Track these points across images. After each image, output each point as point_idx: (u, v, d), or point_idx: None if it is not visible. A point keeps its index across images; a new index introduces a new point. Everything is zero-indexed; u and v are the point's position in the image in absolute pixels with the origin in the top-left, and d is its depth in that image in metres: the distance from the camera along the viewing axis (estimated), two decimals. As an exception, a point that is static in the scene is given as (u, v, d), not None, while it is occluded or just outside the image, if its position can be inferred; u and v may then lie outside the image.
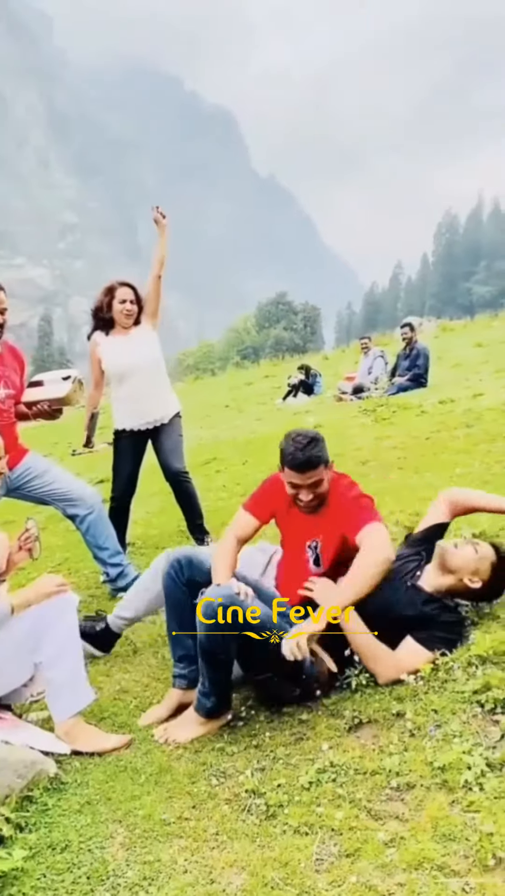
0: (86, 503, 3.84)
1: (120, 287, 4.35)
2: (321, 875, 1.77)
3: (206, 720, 2.44)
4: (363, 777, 2.08)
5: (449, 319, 29.77)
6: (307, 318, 76.44)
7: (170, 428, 4.45)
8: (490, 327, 19.81)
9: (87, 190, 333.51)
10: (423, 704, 2.30)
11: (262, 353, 57.35)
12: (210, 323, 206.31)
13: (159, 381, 4.46)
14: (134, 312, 4.32)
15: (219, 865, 1.86)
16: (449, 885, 1.66)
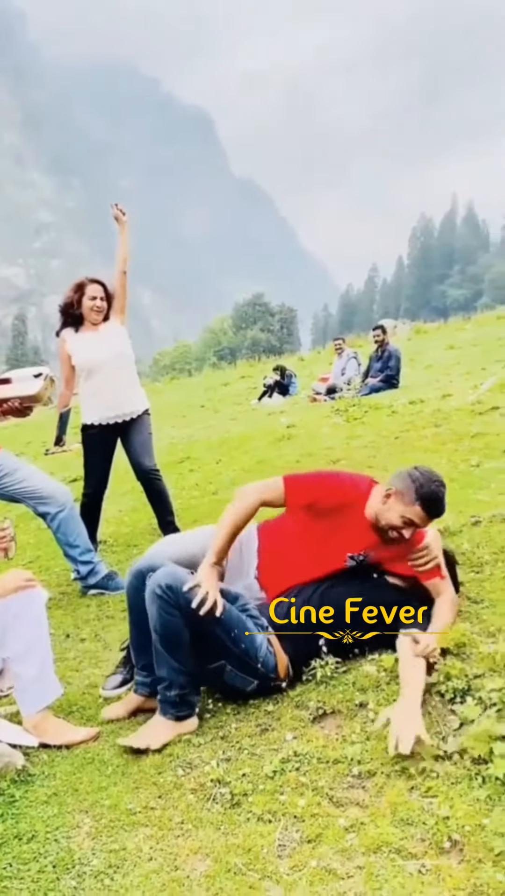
0: (57, 501, 3.85)
1: (90, 284, 4.38)
2: (283, 860, 1.82)
3: (175, 723, 2.42)
4: (326, 766, 2.13)
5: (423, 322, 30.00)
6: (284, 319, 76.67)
7: (139, 425, 4.46)
8: (462, 330, 20.02)
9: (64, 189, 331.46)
10: (385, 695, 2.36)
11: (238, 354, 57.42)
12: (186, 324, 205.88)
13: (128, 376, 4.47)
14: (104, 309, 4.35)
15: (183, 852, 1.89)
16: (406, 867, 1.72)
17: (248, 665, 2.47)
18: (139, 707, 2.62)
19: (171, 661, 2.39)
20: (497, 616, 2.65)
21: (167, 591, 2.36)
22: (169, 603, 2.36)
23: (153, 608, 2.38)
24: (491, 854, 1.69)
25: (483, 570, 3.07)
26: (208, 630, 2.41)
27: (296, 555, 2.71)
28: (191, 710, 2.45)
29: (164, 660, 2.40)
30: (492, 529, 3.45)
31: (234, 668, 2.46)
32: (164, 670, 2.41)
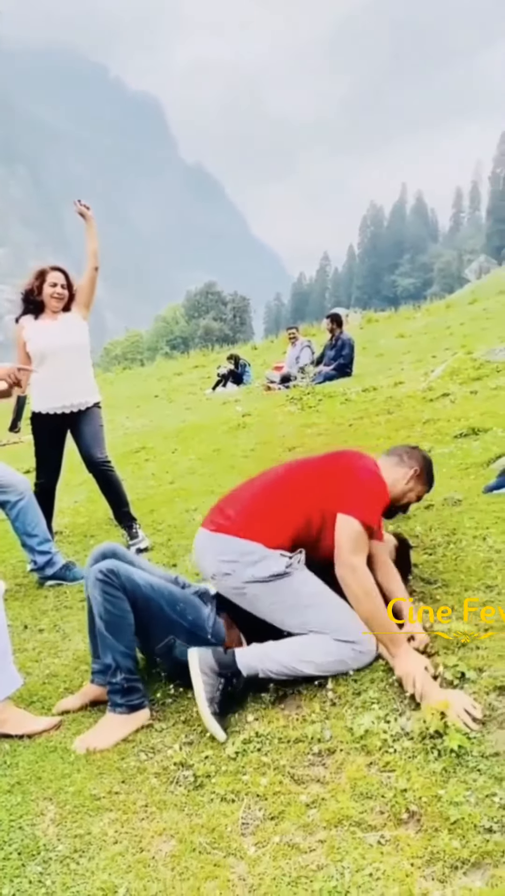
0: (16, 489, 3.82)
1: (52, 271, 4.34)
2: (247, 837, 1.86)
3: (126, 716, 2.40)
4: (287, 745, 2.18)
5: (374, 311, 30.29)
6: (236, 308, 76.49)
7: (89, 417, 4.41)
8: (412, 318, 20.30)
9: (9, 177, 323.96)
10: (343, 675, 2.41)
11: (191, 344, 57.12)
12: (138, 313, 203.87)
13: (81, 367, 4.42)
14: (65, 297, 4.31)
15: (148, 834, 1.92)
16: (366, 839, 1.77)
17: (197, 637, 2.48)
18: (96, 698, 2.61)
19: (116, 644, 2.39)
20: (450, 596, 2.73)
21: (109, 575, 2.37)
22: (112, 585, 2.37)
23: (96, 592, 2.38)
24: (447, 823, 1.76)
25: (436, 551, 3.16)
26: (154, 607, 2.43)
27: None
28: (141, 697, 2.44)
29: (110, 644, 2.39)
30: (444, 512, 3.55)
31: (183, 642, 2.47)
32: (109, 656, 2.40)
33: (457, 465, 4.34)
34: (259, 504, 2.58)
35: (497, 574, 2.81)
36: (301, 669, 2.38)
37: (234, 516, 2.56)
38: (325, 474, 2.59)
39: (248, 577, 2.46)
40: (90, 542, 4.47)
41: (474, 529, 3.27)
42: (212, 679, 2.33)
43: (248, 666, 2.39)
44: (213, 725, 2.25)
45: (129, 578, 2.42)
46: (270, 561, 2.45)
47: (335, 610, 2.44)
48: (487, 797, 1.81)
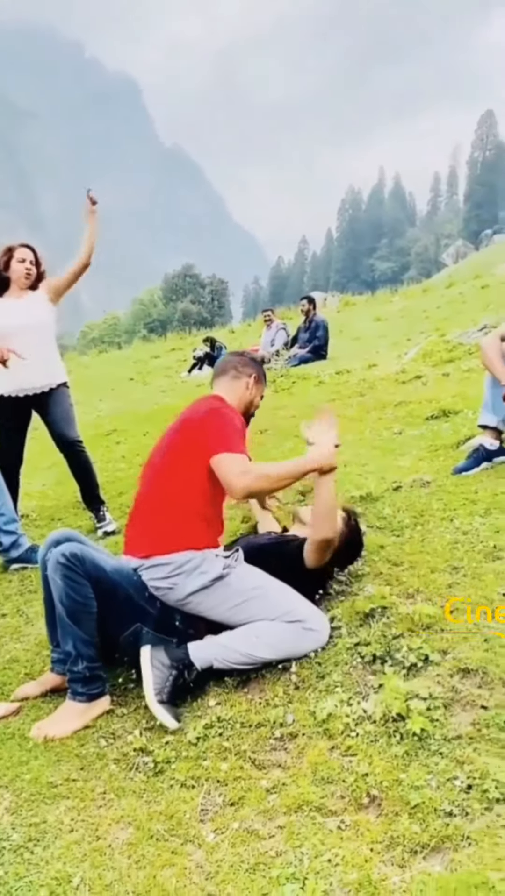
0: None
1: (19, 247, 4.22)
2: (206, 824, 1.83)
3: (86, 705, 2.35)
4: (249, 730, 2.15)
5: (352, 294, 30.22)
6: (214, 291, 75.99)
7: (57, 397, 4.29)
8: (389, 302, 20.30)
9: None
10: (307, 658, 2.38)
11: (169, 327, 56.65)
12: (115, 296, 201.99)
13: (44, 348, 4.27)
14: (32, 274, 4.20)
15: (105, 822, 1.88)
16: (326, 825, 1.75)
17: (165, 625, 2.44)
18: (56, 687, 2.55)
19: (78, 632, 2.32)
20: (416, 577, 2.71)
21: (72, 560, 2.30)
22: (76, 571, 2.30)
23: (57, 578, 2.30)
24: (407, 807, 1.74)
25: (403, 533, 3.13)
26: (121, 594, 2.39)
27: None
28: (102, 686, 2.39)
29: (71, 632, 2.33)
30: (412, 494, 3.52)
31: (151, 630, 2.43)
32: (70, 644, 2.33)
33: (427, 447, 4.32)
34: (163, 513, 2.52)
35: (463, 556, 2.79)
36: (256, 654, 2.36)
37: (152, 534, 2.51)
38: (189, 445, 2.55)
39: (189, 588, 2.42)
40: (57, 526, 4.40)
41: (442, 511, 3.25)
42: (162, 671, 2.30)
43: (202, 658, 2.36)
44: (161, 712, 2.22)
45: (94, 563, 2.35)
46: (206, 565, 2.44)
47: (279, 595, 2.45)
48: (447, 781, 1.79)
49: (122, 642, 2.47)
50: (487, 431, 3.69)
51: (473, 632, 2.31)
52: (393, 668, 2.22)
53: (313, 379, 8.11)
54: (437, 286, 23.65)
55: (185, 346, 19.33)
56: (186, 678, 2.33)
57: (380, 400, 6.08)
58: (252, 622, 2.41)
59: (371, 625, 2.46)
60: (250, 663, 2.38)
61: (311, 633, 2.40)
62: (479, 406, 3.87)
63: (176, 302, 72.84)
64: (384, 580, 2.75)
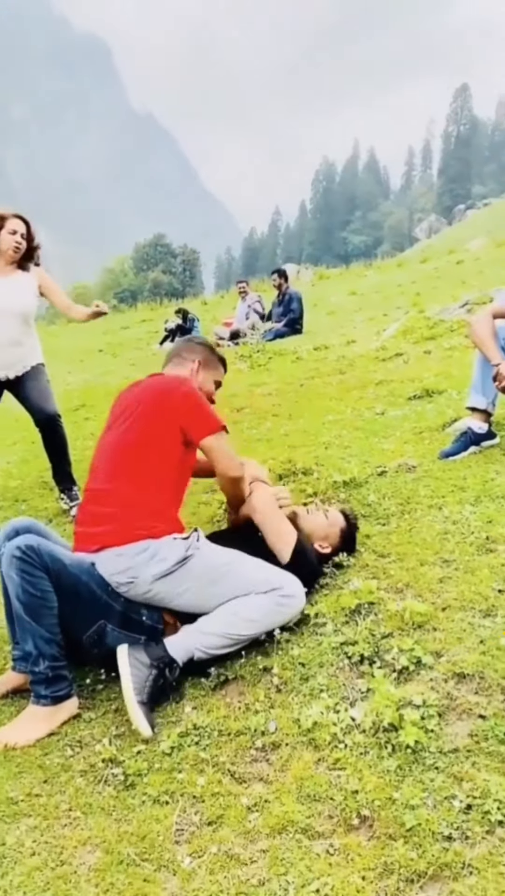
0: None
1: (12, 217, 3.93)
2: (181, 846, 1.67)
3: (51, 709, 2.16)
4: (227, 738, 1.99)
5: (326, 267, 29.98)
6: (186, 261, 75.16)
7: (33, 374, 4.10)
8: (364, 276, 20.13)
9: None
10: (290, 658, 2.23)
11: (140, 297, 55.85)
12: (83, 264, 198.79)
13: (23, 332, 4.06)
14: (22, 248, 3.93)
15: (71, 844, 1.71)
16: (313, 848, 1.60)
17: (131, 619, 2.27)
18: (18, 687, 2.36)
19: (38, 629, 2.13)
20: (405, 571, 2.56)
21: (28, 553, 2.10)
22: (33, 565, 2.10)
23: (12, 572, 2.10)
24: (402, 829, 1.60)
25: (389, 522, 2.98)
26: (83, 589, 2.20)
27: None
28: (68, 687, 2.20)
29: (31, 630, 2.13)
30: (398, 480, 3.36)
31: (115, 627, 2.25)
32: (30, 643, 2.14)
33: (411, 429, 4.15)
34: (121, 502, 2.37)
35: (455, 547, 2.64)
36: (237, 632, 2.23)
37: (108, 522, 2.35)
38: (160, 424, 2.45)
39: (151, 576, 2.25)
40: (21, 508, 4.18)
41: (430, 498, 3.10)
42: (141, 671, 2.13)
43: (182, 650, 2.21)
44: (139, 718, 2.04)
45: (52, 556, 2.16)
46: (165, 550, 2.28)
47: (250, 569, 2.34)
48: (445, 799, 1.66)
49: (85, 641, 2.28)
50: (476, 414, 3.53)
51: (467, 632, 2.17)
52: (383, 671, 2.07)
53: (290, 354, 7.91)
54: (410, 260, 23.55)
55: (155, 317, 18.99)
56: (168, 677, 2.17)
57: (360, 378, 5.91)
58: (226, 601, 2.27)
59: (358, 622, 2.31)
60: (232, 644, 2.24)
61: (289, 600, 2.28)
62: (463, 386, 3.73)
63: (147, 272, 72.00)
64: (371, 573, 2.59)
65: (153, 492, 2.37)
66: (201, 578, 2.27)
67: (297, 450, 4.14)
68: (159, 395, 2.52)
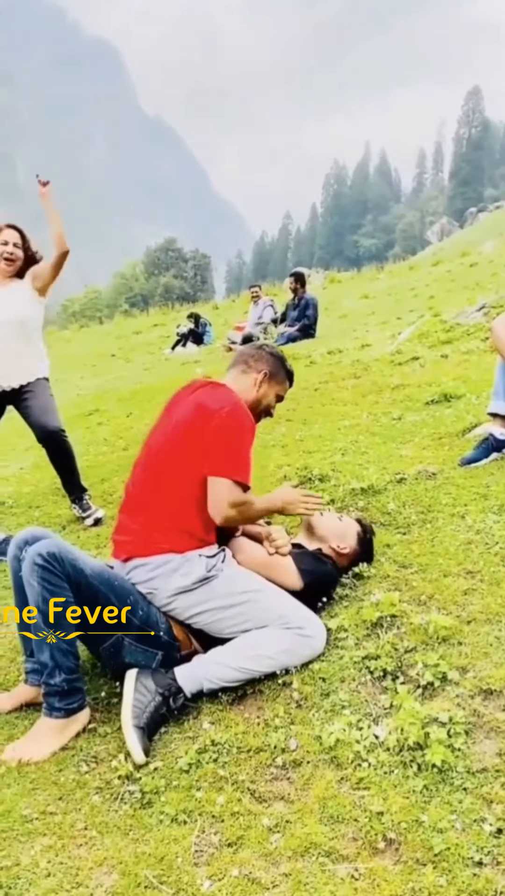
0: None
1: (6, 228, 3.87)
2: (200, 868, 1.62)
3: (63, 721, 2.11)
4: (247, 755, 1.93)
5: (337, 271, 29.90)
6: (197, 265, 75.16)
7: (36, 390, 3.97)
8: (376, 279, 20.05)
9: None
10: (310, 672, 2.17)
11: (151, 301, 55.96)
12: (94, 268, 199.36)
13: (24, 343, 3.97)
14: (16, 259, 3.85)
15: (87, 865, 1.66)
16: (337, 872, 1.55)
17: (148, 635, 2.22)
18: (31, 700, 2.31)
19: (56, 640, 2.08)
20: (427, 582, 2.49)
21: (50, 561, 2.04)
22: (54, 573, 2.04)
23: (33, 580, 2.05)
24: (430, 853, 1.54)
25: (410, 531, 2.92)
26: (102, 600, 2.15)
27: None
28: (81, 699, 2.15)
29: (48, 641, 2.08)
30: (418, 487, 3.30)
31: (133, 642, 2.20)
32: (46, 654, 2.08)
33: (430, 435, 4.08)
34: (148, 510, 2.33)
35: (479, 558, 2.58)
36: (251, 667, 2.16)
37: (135, 532, 2.32)
38: (192, 442, 2.34)
39: (172, 589, 2.22)
40: (34, 515, 4.14)
41: (452, 507, 3.03)
42: (145, 696, 2.08)
43: (192, 680, 2.16)
44: (133, 740, 1.98)
45: (75, 565, 2.10)
46: (189, 566, 2.24)
47: (273, 600, 2.26)
48: (474, 822, 1.60)
49: (102, 653, 2.24)
50: (498, 420, 3.46)
51: (494, 646, 2.11)
52: (406, 687, 2.01)
53: (304, 359, 7.84)
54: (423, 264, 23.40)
55: (167, 321, 18.99)
56: (172, 706, 2.11)
57: (376, 382, 5.85)
58: (243, 632, 2.21)
59: (380, 636, 2.25)
60: (244, 679, 2.17)
61: (308, 640, 2.21)
62: (482, 391, 3.66)
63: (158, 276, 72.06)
64: (392, 584, 2.53)
65: (178, 507, 2.30)
66: (219, 601, 2.23)
67: (312, 455, 4.08)
68: (201, 413, 2.38)
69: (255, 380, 2.56)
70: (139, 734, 2.00)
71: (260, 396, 2.56)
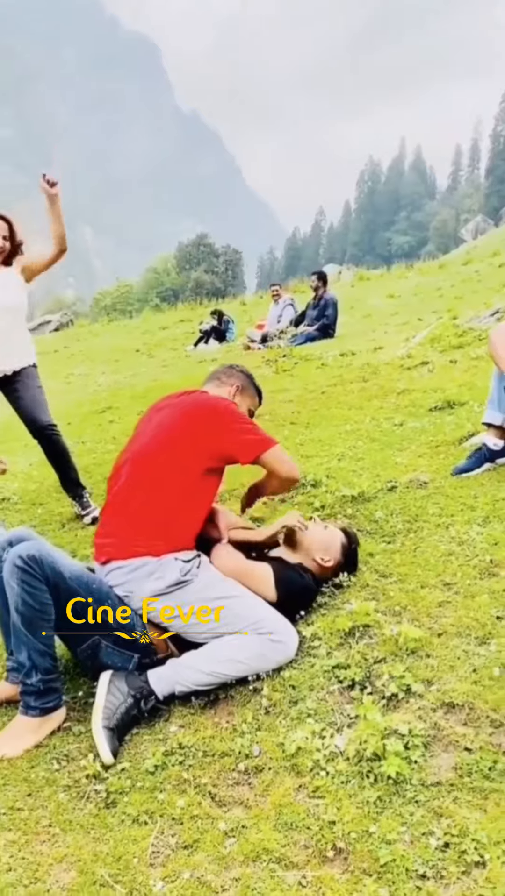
0: None
1: None
2: (155, 869, 1.66)
3: (39, 720, 2.17)
4: (211, 759, 1.97)
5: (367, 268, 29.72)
6: (229, 261, 75.19)
7: (25, 379, 3.99)
8: (404, 278, 19.88)
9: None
10: (280, 679, 2.21)
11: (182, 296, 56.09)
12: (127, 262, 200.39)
13: (14, 329, 4.00)
14: (5, 250, 3.93)
15: (47, 862, 1.71)
16: (285, 879, 1.58)
17: (123, 640, 2.26)
18: (10, 698, 2.37)
19: (34, 642, 2.13)
20: (404, 593, 2.51)
21: (30, 563, 2.09)
22: (33, 576, 2.09)
23: (13, 582, 2.10)
24: (376, 864, 1.56)
25: (395, 540, 2.93)
26: (78, 603, 2.20)
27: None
28: (58, 699, 2.21)
29: (26, 642, 2.13)
30: (407, 496, 3.30)
31: (110, 644, 2.25)
32: (24, 654, 2.14)
33: (427, 443, 4.08)
34: (128, 516, 2.39)
35: (457, 570, 2.58)
36: (222, 671, 2.20)
37: (115, 535, 2.38)
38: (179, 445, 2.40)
39: (147, 592, 2.26)
40: (38, 512, 4.21)
41: (438, 517, 3.03)
42: (117, 697, 2.13)
43: (164, 683, 2.21)
44: (101, 740, 2.03)
45: (54, 568, 2.15)
46: (163, 570, 2.28)
47: (247, 605, 2.29)
48: (423, 835, 1.62)
49: (80, 654, 2.29)
50: (492, 430, 3.44)
51: (461, 660, 2.12)
52: (372, 698, 2.04)
53: (316, 360, 7.84)
54: (453, 262, 23.18)
55: (194, 316, 19.03)
56: (143, 708, 2.16)
57: (382, 387, 5.83)
58: (217, 636, 2.25)
59: (352, 645, 2.27)
60: (216, 683, 2.21)
61: (279, 646, 2.24)
62: (485, 398, 3.63)
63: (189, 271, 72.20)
64: (370, 593, 2.55)
65: (160, 510, 2.35)
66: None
67: (310, 460, 4.09)
68: (194, 416, 2.46)
69: (229, 392, 2.72)
70: (108, 735, 2.05)
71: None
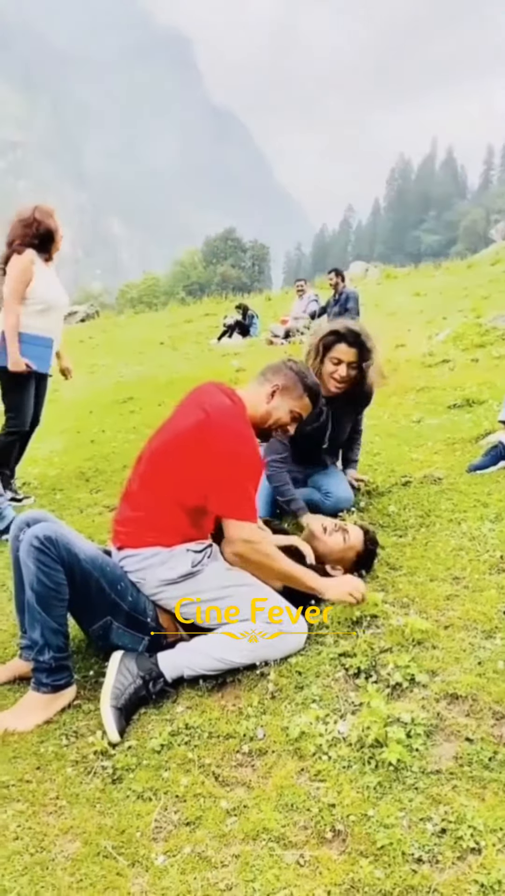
0: None
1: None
2: (157, 844, 1.70)
3: (50, 696, 2.22)
4: (216, 741, 2.01)
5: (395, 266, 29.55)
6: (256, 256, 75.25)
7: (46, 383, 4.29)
8: (431, 277, 19.77)
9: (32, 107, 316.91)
10: (287, 665, 2.24)
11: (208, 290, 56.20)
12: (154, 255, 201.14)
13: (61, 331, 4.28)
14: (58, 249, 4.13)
15: (53, 832, 1.76)
16: (284, 858, 1.61)
17: (136, 620, 2.32)
18: (24, 675, 2.42)
19: (47, 620, 2.18)
20: (413, 585, 2.53)
21: (46, 544, 2.15)
22: (49, 556, 2.15)
23: (29, 561, 2.16)
24: (373, 847, 1.59)
25: (406, 534, 2.95)
26: (93, 584, 2.25)
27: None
28: (68, 677, 2.27)
29: (40, 620, 2.19)
30: (421, 491, 3.32)
31: (121, 625, 2.31)
32: (37, 632, 2.20)
33: (444, 440, 4.09)
34: (142, 506, 2.40)
35: (467, 564, 2.60)
36: (230, 658, 2.24)
37: (130, 524, 2.40)
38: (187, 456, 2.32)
39: (158, 580, 2.30)
40: (56, 497, 4.28)
41: (451, 512, 3.05)
42: (126, 678, 2.18)
43: (172, 667, 2.24)
44: (109, 719, 2.08)
45: (69, 549, 2.21)
46: (175, 560, 2.31)
47: (254, 595, 2.31)
48: (420, 821, 1.65)
49: (91, 633, 2.35)
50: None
51: (466, 652, 2.14)
52: (376, 686, 2.06)
53: (338, 356, 7.85)
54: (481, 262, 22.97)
55: (219, 311, 19.06)
56: (151, 689, 2.20)
57: (402, 384, 5.84)
58: (225, 624, 2.29)
59: (358, 634, 2.30)
60: (224, 668, 2.25)
61: (288, 635, 2.28)
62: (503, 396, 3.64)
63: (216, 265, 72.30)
64: (379, 585, 2.58)
65: (172, 509, 2.36)
66: (203, 594, 2.30)
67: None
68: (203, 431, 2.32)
69: (267, 393, 2.50)
70: (116, 714, 2.09)
71: (270, 410, 2.49)
